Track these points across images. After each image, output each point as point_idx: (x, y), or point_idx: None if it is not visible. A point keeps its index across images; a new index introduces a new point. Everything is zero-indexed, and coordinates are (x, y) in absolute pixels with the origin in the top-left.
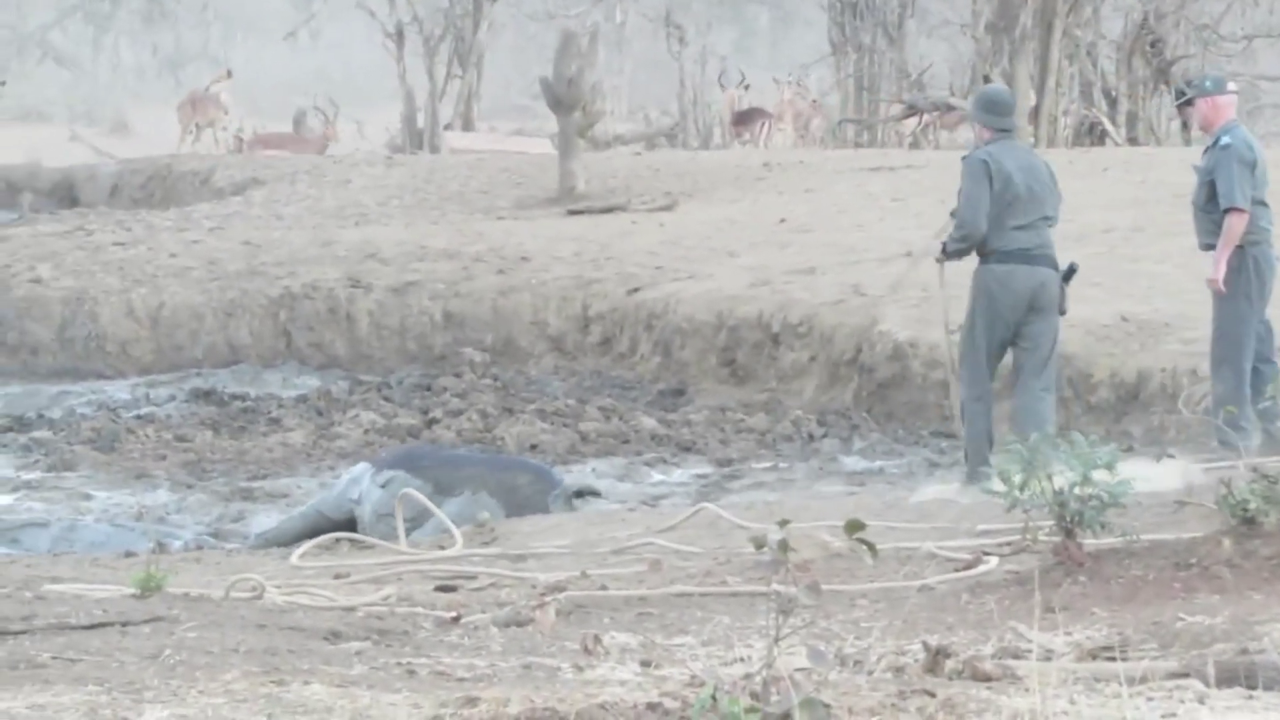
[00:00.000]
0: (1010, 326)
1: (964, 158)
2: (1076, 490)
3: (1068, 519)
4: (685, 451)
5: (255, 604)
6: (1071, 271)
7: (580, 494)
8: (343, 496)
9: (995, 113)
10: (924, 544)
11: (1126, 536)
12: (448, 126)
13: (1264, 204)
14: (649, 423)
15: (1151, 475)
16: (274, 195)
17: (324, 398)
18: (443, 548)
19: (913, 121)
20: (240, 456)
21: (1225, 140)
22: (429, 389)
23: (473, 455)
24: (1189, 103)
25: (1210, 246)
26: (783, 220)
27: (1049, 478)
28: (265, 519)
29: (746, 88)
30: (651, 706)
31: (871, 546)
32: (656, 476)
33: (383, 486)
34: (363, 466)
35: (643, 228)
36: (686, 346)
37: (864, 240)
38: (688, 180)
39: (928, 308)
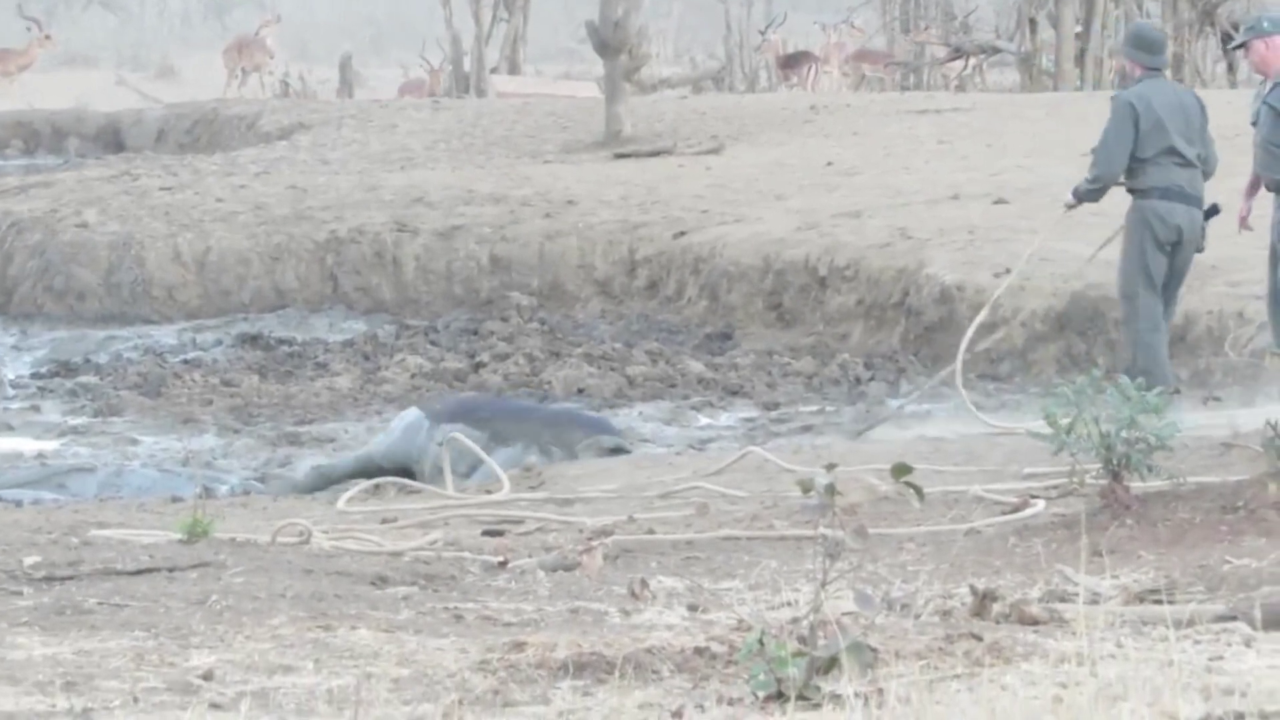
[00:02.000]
0: (1166, 260)
1: (1113, 96)
2: (1123, 434)
3: (1114, 462)
4: (732, 395)
5: (302, 549)
6: (1214, 211)
7: (614, 451)
8: (398, 445)
9: (1146, 49)
10: (971, 487)
11: (1173, 480)
12: (494, 70)
13: None
14: (695, 366)
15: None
16: (320, 140)
17: (370, 342)
18: (490, 492)
19: (958, 64)
20: (286, 401)
21: None
22: (475, 333)
23: (532, 407)
24: (1242, 45)
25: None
26: (829, 163)
27: (1095, 420)
28: (313, 463)
29: (764, 31)
30: (699, 651)
31: (918, 490)
32: (703, 420)
33: (441, 444)
34: (414, 412)
35: (689, 171)
36: (733, 290)
37: (911, 183)
38: (734, 124)
39: (973, 250)
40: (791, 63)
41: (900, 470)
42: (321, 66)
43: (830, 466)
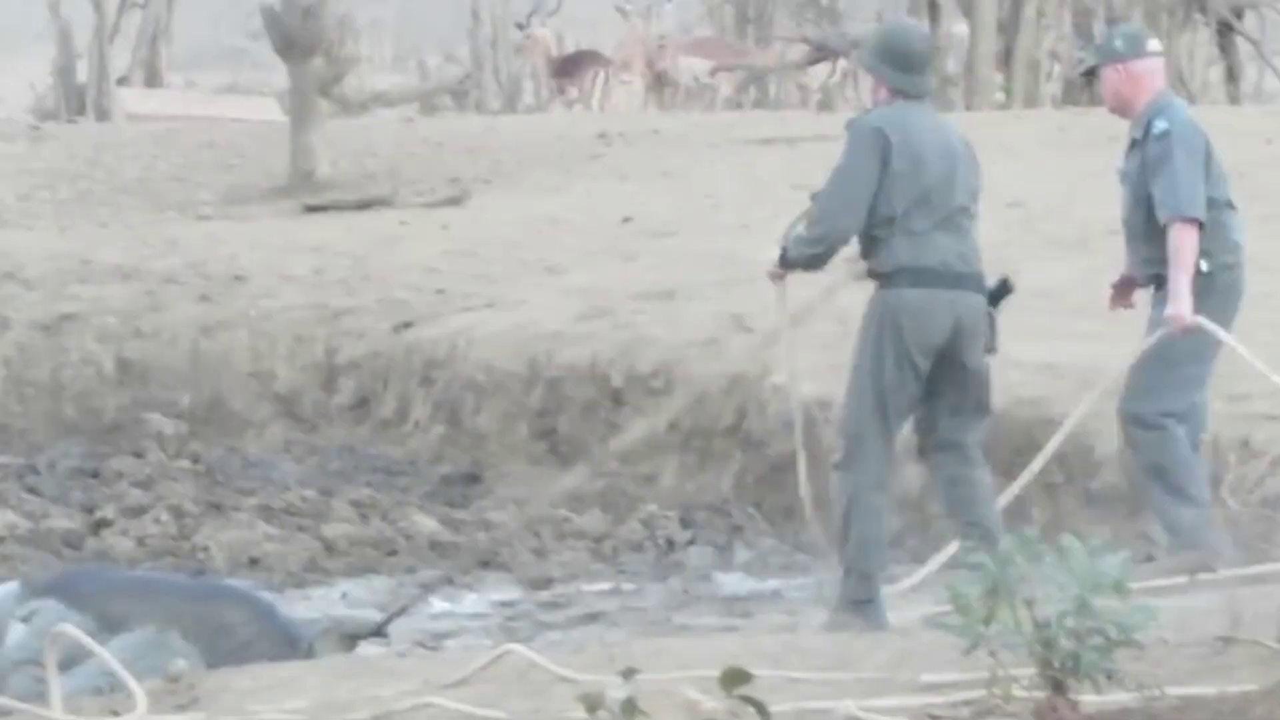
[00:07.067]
0: (921, 378)
1: (849, 123)
2: (1070, 622)
3: (1057, 665)
4: (481, 567)
5: None
6: (1004, 290)
7: (360, 634)
8: None
9: (900, 65)
10: (842, 703)
11: (1145, 692)
12: (123, 81)
13: (1230, 205)
14: (428, 524)
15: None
16: None
17: None
18: (116, 713)
19: (823, 69)
20: None
21: (1161, 125)
22: (95, 475)
23: (161, 578)
24: (1091, 72)
25: (1157, 278)
26: (627, 219)
27: (1028, 604)
28: None
29: (526, 22)
30: None
31: (762, 708)
32: (439, 605)
33: (24, 620)
34: (7, 589)
35: (417, 231)
36: (483, 410)
37: (751, 248)
38: (484, 160)
39: (843, 349)
40: (569, 68)
41: (733, 678)
42: None
43: (629, 673)
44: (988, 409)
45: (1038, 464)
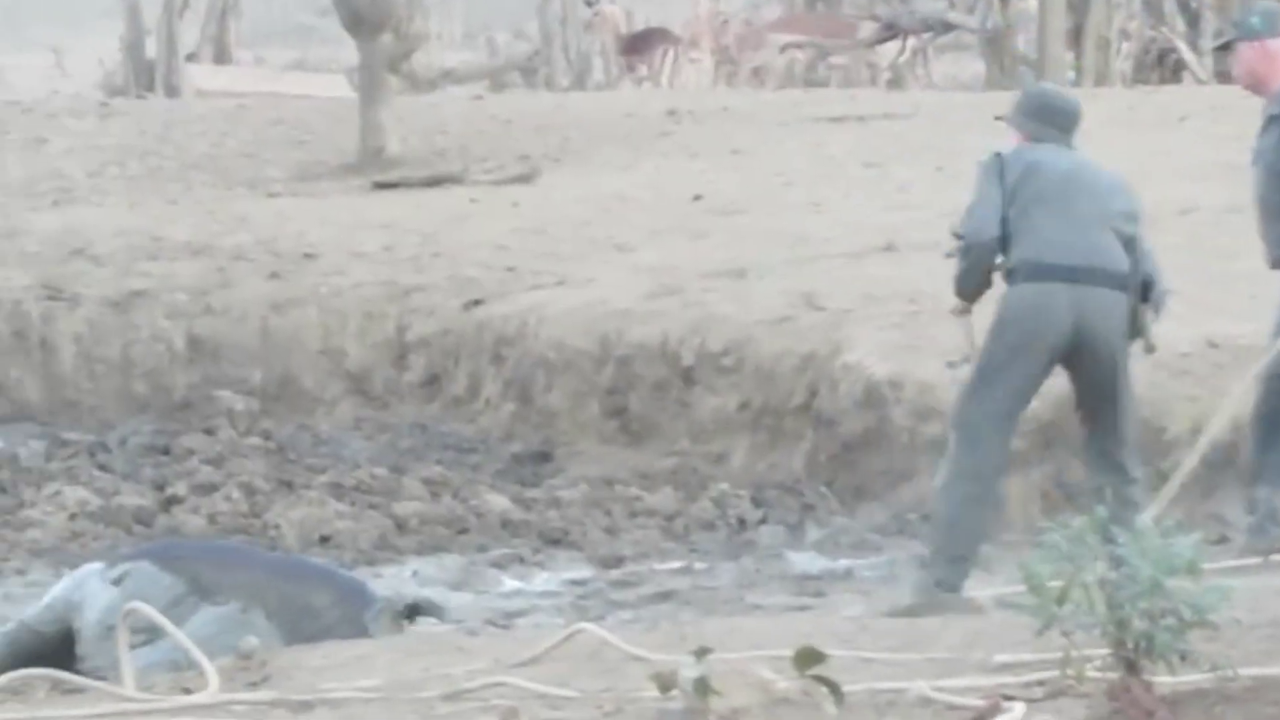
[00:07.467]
0: (1036, 375)
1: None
2: (1143, 603)
3: (1130, 646)
4: (553, 545)
5: None
6: (1149, 287)
7: (414, 611)
8: (60, 602)
9: (1049, 122)
10: (914, 683)
11: (1219, 672)
12: (191, 57)
13: None
14: (499, 502)
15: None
16: None
17: (8, 465)
18: (189, 690)
19: (892, 48)
20: None
21: None
22: (166, 452)
23: (256, 551)
24: (1226, 46)
25: None
26: (698, 197)
27: (1101, 585)
28: None
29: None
30: None
31: (835, 687)
32: (510, 583)
33: (116, 583)
34: (91, 568)
35: (487, 209)
36: (554, 388)
37: (821, 226)
38: (554, 137)
39: (916, 328)
40: (639, 45)
41: (807, 659)
42: None
43: (701, 652)
44: (1128, 418)
45: (1194, 457)
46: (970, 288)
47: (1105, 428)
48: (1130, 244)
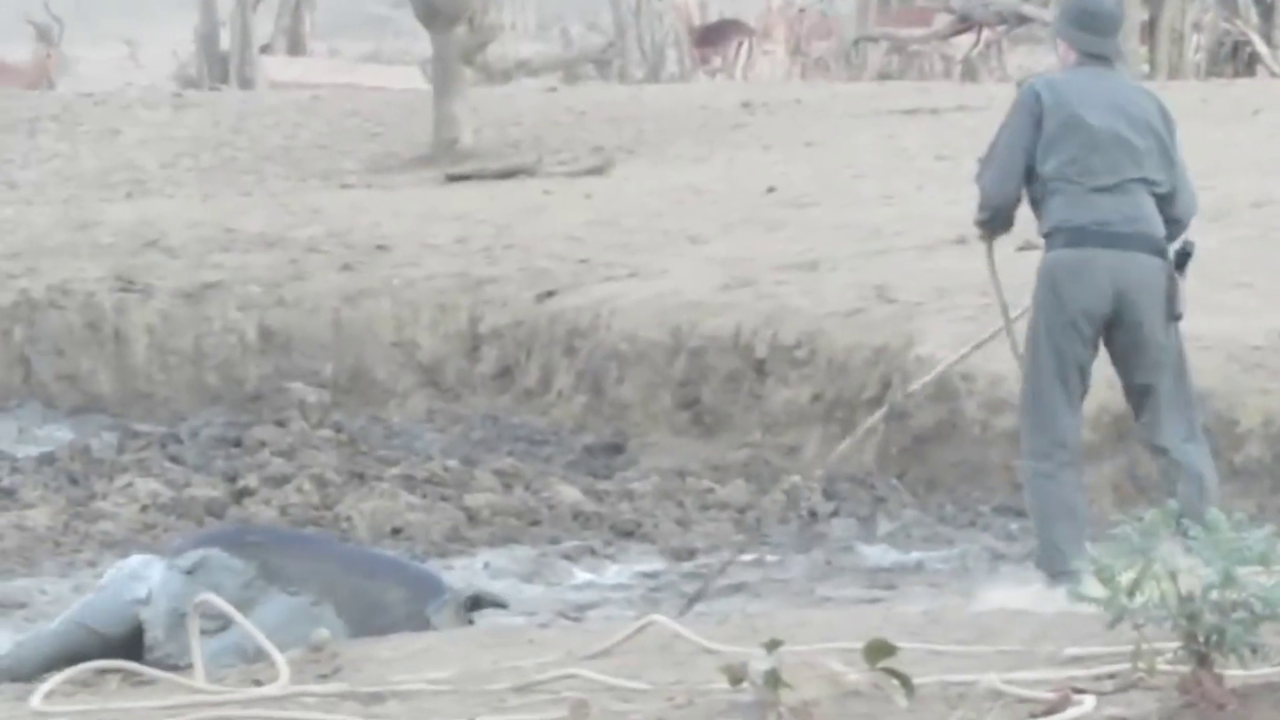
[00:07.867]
0: (1088, 343)
1: (1019, 83)
2: (1215, 595)
3: (1202, 639)
4: (625, 538)
5: None
6: (1185, 256)
7: (477, 603)
8: (118, 599)
9: (1086, 27)
10: (985, 676)
11: None
12: (265, 49)
13: None
14: (570, 494)
15: None
16: (3, 152)
17: (80, 457)
18: (259, 682)
19: (966, 40)
20: None
21: None
22: (238, 444)
23: (331, 542)
24: None
25: None
26: (771, 189)
27: (1173, 577)
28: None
29: None
30: None
31: (906, 680)
32: (581, 575)
33: (188, 572)
34: (143, 559)
35: (561, 200)
36: (626, 380)
37: (894, 219)
38: (628, 129)
39: (987, 320)
40: (713, 37)
41: (878, 651)
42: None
43: (772, 645)
44: (1187, 386)
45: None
46: (991, 231)
47: (1149, 409)
48: (1170, 167)
